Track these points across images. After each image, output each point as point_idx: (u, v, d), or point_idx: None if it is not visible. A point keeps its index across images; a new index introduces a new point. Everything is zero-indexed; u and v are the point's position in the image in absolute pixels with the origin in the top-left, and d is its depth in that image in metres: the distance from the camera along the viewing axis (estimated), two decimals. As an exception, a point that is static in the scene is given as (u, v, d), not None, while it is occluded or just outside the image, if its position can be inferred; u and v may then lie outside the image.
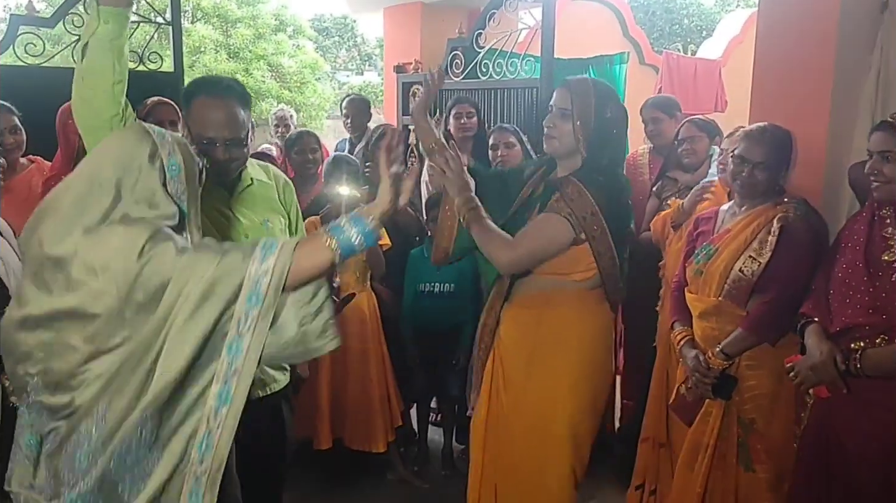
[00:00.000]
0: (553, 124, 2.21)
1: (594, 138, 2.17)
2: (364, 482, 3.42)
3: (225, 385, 1.38)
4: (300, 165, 3.67)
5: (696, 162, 3.25)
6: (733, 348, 2.33)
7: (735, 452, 2.37)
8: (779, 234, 2.27)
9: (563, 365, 2.22)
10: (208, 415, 1.38)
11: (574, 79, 2.26)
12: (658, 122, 3.57)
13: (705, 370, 2.35)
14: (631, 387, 3.68)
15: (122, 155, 1.42)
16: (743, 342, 2.32)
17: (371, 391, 3.31)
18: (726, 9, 19.00)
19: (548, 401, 2.21)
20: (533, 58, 4.16)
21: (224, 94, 1.97)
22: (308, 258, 1.39)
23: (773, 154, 2.36)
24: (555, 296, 2.21)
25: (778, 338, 2.30)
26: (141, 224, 1.37)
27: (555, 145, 2.23)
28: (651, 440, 2.78)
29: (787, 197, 2.37)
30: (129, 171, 1.40)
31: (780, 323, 2.29)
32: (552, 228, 2.14)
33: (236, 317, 1.36)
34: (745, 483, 2.36)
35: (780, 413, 2.33)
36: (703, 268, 2.42)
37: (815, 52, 2.59)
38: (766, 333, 2.31)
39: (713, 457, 2.39)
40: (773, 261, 2.27)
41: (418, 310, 3.45)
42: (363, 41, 22.41)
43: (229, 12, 13.75)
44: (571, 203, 2.12)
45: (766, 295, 2.29)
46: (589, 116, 2.16)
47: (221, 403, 1.38)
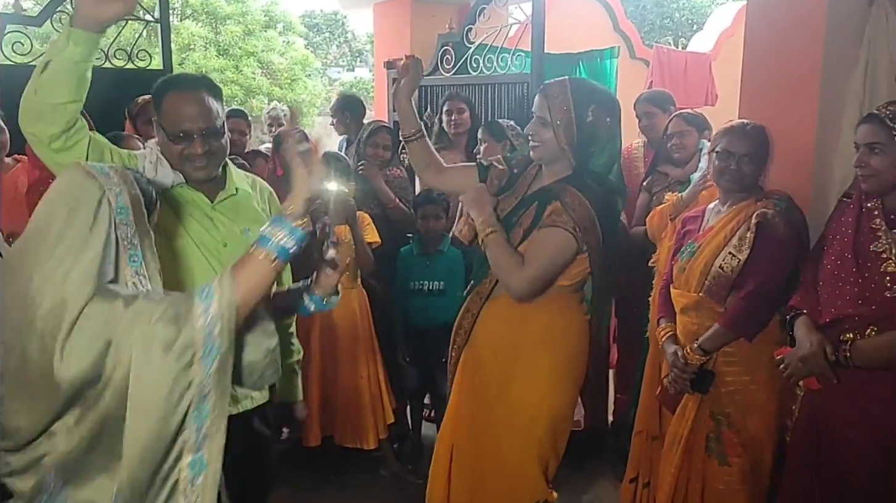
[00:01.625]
0: (534, 132, 2.17)
1: (579, 143, 2.12)
2: (357, 478, 3.42)
3: (197, 453, 1.28)
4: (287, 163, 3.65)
5: (685, 156, 3.26)
6: (711, 344, 2.34)
7: (703, 445, 2.40)
8: (756, 231, 2.29)
9: (547, 364, 2.22)
10: (184, 488, 1.28)
11: (551, 84, 2.18)
12: (651, 116, 3.58)
13: (683, 365, 2.37)
14: (624, 382, 3.70)
15: (70, 203, 1.31)
16: (720, 338, 2.33)
17: (362, 388, 3.32)
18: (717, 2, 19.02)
19: (533, 398, 2.22)
20: (523, 53, 4.16)
21: (193, 87, 1.94)
22: (250, 281, 1.31)
23: (756, 147, 2.38)
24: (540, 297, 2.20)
25: (755, 333, 2.32)
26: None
27: (539, 152, 2.19)
28: (644, 433, 2.80)
29: (770, 193, 2.38)
30: (76, 225, 1.29)
31: (756, 318, 2.31)
32: (560, 244, 2.10)
33: (196, 382, 1.25)
34: (717, 475, 2.39)
35: (757, 407, 2.35)
36: (686, 264, 2.45)
37: (803, 45, 2.60)
38: (743, 329, 2.32)
39: (684, 449, 2.43)
40: (750, 258, 2.28)
41: (408, 308, 3.46)
42: (354, 37, 22.34)
43: (218, 9, 13.69)
44: (573, 213, 2.09)
45: (743, 290, 2.30)
46: (569, 123, 2.10)
47: (197, 473, 1.29)
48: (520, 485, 2.27)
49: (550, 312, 2.22)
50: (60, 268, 1.25)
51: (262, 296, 1.35)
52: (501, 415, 2.25)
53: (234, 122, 4.04)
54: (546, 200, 2.15)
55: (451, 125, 3.92)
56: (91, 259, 1.28)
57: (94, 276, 1.27)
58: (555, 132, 2.12)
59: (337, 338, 3.29)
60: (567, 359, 2.26)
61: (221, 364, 1.27)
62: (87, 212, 1.30)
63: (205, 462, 1.28)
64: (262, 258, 1.32)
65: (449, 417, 2.43)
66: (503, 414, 2.24)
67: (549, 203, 2.14)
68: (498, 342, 2.27)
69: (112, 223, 1.32)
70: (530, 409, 2.22)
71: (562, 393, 2.26)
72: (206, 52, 13.38)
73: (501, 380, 2.25)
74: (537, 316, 2.22)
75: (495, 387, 2.26)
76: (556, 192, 2.14)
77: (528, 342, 2.23)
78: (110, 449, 1.26)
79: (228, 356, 1.28)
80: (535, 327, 2.23)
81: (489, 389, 2.28)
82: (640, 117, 3.65)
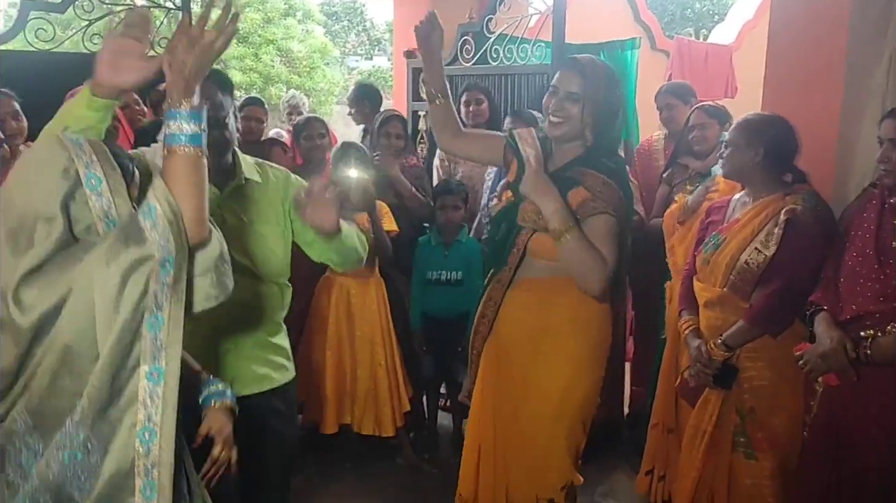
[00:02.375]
0: (560, 107, 2.11)
1: (601, 123, 2.11)
2: (373, 466, 3.45)
3: (154, 363, 1.28)
4: (308, 151, 3.67)
5: (706, 149, 3.24)
6: (735, 340, 2.33)
7: (730, 440, 2.39)
8: (785, 227, 2.25)
9: (573, 348, 2.22)
10: (144, 399, 1.28)
11: (583, 59, 2.16)
12: (672, 108, 3.56)
13: (706, 360, 2.36)
14: (640, 374, 3.69)
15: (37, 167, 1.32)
16: (744, 334, 2.32)
17: (379, 376, 3.34)
18: (739, -8, 18.83)
19: (559, 383, 2.22)
20: (544, 43, 4.14)
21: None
22: (181, 180, 1.31)
23: (750, 137, 2.35)
24: (559, 282, 2.19)
25: (781, 331, 2.30)
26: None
27: (562, 129, 2.14)
28: (660, 426, 2.80)
29: (798, 187, 2.35)
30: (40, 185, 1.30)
31: (782, 316, 2.29)
32: (612, 229, 2.08)
33: (152, 291, 1.26)
34: (746, 470, 2.37)
35: (783, 404, 2.33)
36: (711, 257, 2.42)
37: (827, 37, 2.57)
38: (768, 326, 2.30)
39: (709, 443, 2.42)
40: (777, 254, 2.25)
41: (426, 298, 3.47)
42: (372, 25, 22.32)
43: (239, -4, 13.73)
44: (602, 195, 2.07)
45: (770, 287, 2.28)
46: (599, 101, 2.09)
47: (156, 383, 1.28)
48: (548, 469, 2.27)
49: (574, 296, 2.19)
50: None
51: (201, 193, 1.34)
52: (528, 402, 2.25)
53: (251, 110, 4.06)
54: (567, 187, 2.10)
55: (470, 115, 3.91)
56: (48, 220, 1.28)
57: (54, 238, 1.28)
58: (583, 108, 2.09)
59: (354, 326, 3.31)
60: (591, 342, 2.26)
61: (177, 271, 1.28)
62: (49, 175, 1.30)
63: (163, 371, 1.29)
64: (179, 154, 1.32)
65: (475, 407, 2.42)
66: (530, 400, 2.25)
67: (571, 189, 2.09)
68: (522, 329, 2.26)
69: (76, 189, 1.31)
70: (557, 394, 2.22)
71: (587, 376, 2.25)
72: (225, 39, 13.41)
73: (527, 366, 2.25)
74: (561, 300, 2.21)
75: (521, 374, 2.26)
76: (576, 178, 2.11)
77: (552, 327, 2.23)
78: (75, 391, 1.27)
79: (183, 263, 1.29)
80: (559, 312, 2.22)
81: (515, 376, 2.28)
82: (661, 109, 3.62)
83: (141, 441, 1.29)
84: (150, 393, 1.29)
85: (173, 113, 1.33)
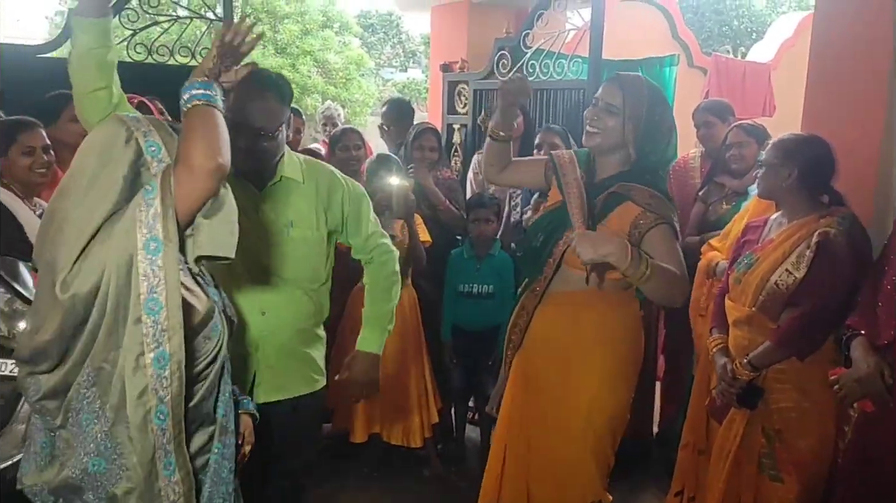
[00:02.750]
0: (598, 117, 2.15)
1: (644, 140, 2.13)
2: (400, 477, 3.45)
3: (158, 348, 1.34)
4: (343, 162, 3.70)
5: (743, 168, 3.21)
6: (761, 360, 2.30)
7: (756, 461, 2.36)
8: (816, 250, 2.22)
9: (602, 363, 2.22)
10: (154, 385, 1.35)
11: (627, 75, 2.21)
12: (710, 125, 3.54)
13: (731, 379, 2.34)
14: (670, 392, 3.66)
15: (100, 149, 1.40)
16: (771, 355, 2.29)
17: (409, 386, 3.35)
18: (777, 10, 18.64)
19: (589, 397, 2.21)
20: (580, 59, 4.14)
21: (266, 87, 2.00)
22: (192, 126, 1.41)
23: (785, 157, 2.32)
24: (591, 296, 2.20)
25: (807, 354, 2.26)
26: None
27: (597, 140, 2.16)
28: (691, 446, 2.76)
29: (834, 210, 2.32)
30: (108, 163, 1.39)
31: (810, 339, 2.26)
32: (672, 237, 2.10)
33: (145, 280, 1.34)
34: (772, 492, 2.34)
35: (810, 427, 2.29)
36: (742, 276, 2.41)
37: (869, 58, 2.54)
38: (795, 349, 2.27)
39: (734, 463, 2.39)
40: (808, 277, 2.22)
41: (457, 310, 3.47)
42: (408, 38, 22.47)
43: (278, 8, 13.92)
44: (654, 208, 2.08)
45: (798, 310, 2.26)
46: (640, 117, 2.11)
47: (161, 367, 1.35)
48: (575, 484, 2.27)
49: (602, 310, 2.21)
50: (95, 213, 1.35)
51: (213, 131, 1.42)
52: (557, 415, 2.25)
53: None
54: (615, 202, 2.13)
55: (505, 129, 3.91)
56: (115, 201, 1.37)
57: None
58: (624, 122, 2.11)
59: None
60: (622, 356, 2.25)
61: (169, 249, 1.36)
62: (117, 153, 1.39)
63: (167, 355, 1.35)
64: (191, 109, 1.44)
65: (503, 416, 2.43)
66: (559, 413, 2.25)
67: (620, 204, 2.12)
68: (551, 344, 2.27)
69: (139, 158, 1.40)
70: (586, 408, 2.21)
71: (617, 391, 2.25)
72: (263, 50, 13.60)
73: (556, 380, 2.25)
74: (589, 315, 2.22)
75: (550, 389, 2.26)
76: (623, 192, 2.12)
77: (581, 342, 2.23)
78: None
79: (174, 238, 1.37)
80: (588, 326, 2.22)
81: (544, 390, 2.28)
82: (698, 126, 3.60)
83: (157, 423, 1.37)
84: (159, 376, 1.36)
85: (188, 87, 1.47)
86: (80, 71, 1.83)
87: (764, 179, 2.39)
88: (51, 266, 1.35)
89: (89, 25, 1.77)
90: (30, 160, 2.46)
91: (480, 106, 4.69)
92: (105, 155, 1.39)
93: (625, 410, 2.30)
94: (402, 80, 20.60)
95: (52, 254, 1.35)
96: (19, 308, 1.98)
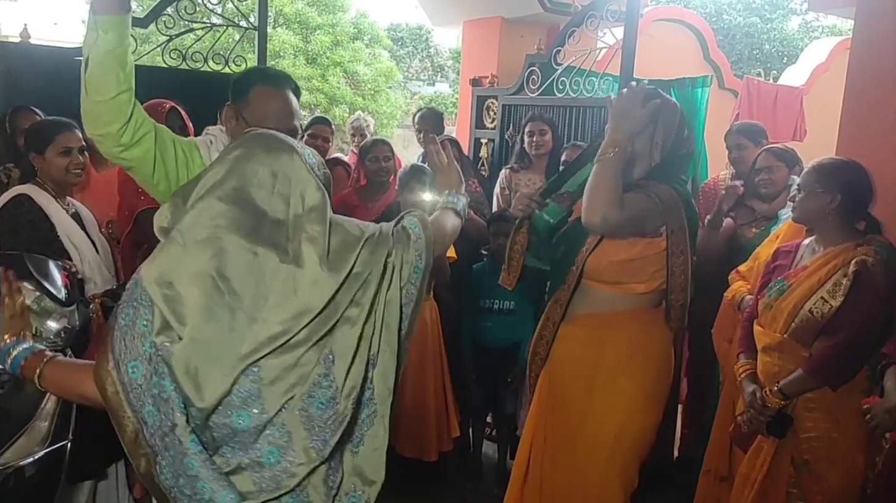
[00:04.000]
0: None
1: (670, 146, 2.21)
2: (416, 490, 3.43)
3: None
4: (373, 173, 3.71)
5: (773, 192, 3.18)
6: (792, 389, 2.25)
7: (784, 491, 2.30)
8: (854, 278, 2.18)
9: (632, 382, 2.21)
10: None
11: (649, 89, 2.26)
12: (742, 148, 3.51)
13: (761, 407, 2.29)
14: (692, 416, 3.61)
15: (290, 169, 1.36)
16: (803, 384, 2.24)
17: (427, 400, 3.33)
18: (810, 35, 18.53)
19: (616, 419, 2.21)
20: (611, 77, 4.13)
21: (282, 84, 1.95)
22: (443, 223, 1.72)
23: (826, 182, 2.27)
24: (618, 316, 2.21)
25: (841, 384, 2.21)
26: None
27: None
28: (713, 473, 2.72)
29: (871, 238, 2.28)
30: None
31: (844, 369, 2.21)
32: (645, 203, 2.15)
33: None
34: None
35: (840, 458, 2.23)
36: (774, 303, 2.35)
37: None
38: (829, 379, 2.22)
39: (759, 492, 2.34)
40: (844, 306, 2.17)
41: (478, 325, 3.46)
42: (437, 52, 22.60)
43: (310, 19, 14.07)
44: (651, 191, 2.15)
45: (833, 339, 2.21)
46: (672, 124, 2.21)
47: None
48: None
49: (631, 331, 2.21)
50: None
51: (452, 237, 1.78)
52: (583, 438, 2.24)
53: (318, 129, 4.14)
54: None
55: (533, 146, 3.92)
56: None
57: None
58: (655, 129, 2.20)
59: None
60: (651, 378, 2.24)
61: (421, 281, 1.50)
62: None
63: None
64: (450, 211, 1.77)
65: (526, 437, 2.42)
66: (585, 436, 2.23)
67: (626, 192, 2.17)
68: (578, 365, 2.27)
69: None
70: (613, 432, 2.20)
71: (645, 414, 2.25)
72: (295, 59, 13.76)
73: (582, 402, 2.24)
74: (617, 336, 2.21)
75: (576, 410, 2.26)
76: (631, 185, 2.18)
77: (608, 364, 2.22)
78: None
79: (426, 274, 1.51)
80: (616, 347, 2.22)
81: (569, 411, 2.27)
82: (730, 149, 3.57)
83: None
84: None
85: (455, 197, 1.83)
86: (102, 75, 1.72)
87: (803, 204, 2.34)
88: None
89: (111, 23, 1.66)
90: (66, 160, 2.49)
91: (509, 121, 4.69)
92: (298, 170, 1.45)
93: (652, 434, 2.29)
94: (429, 93, 20.71)
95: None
96: (48, 306, 1.99)
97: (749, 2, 19.31)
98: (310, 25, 14.12)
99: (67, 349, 2.03)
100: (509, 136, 4.63)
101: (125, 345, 1.26)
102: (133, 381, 1.25)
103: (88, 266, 2.43)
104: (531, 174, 3.96)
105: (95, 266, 2.47)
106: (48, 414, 1.92)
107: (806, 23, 20.13)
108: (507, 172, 4.05)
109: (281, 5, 13.90)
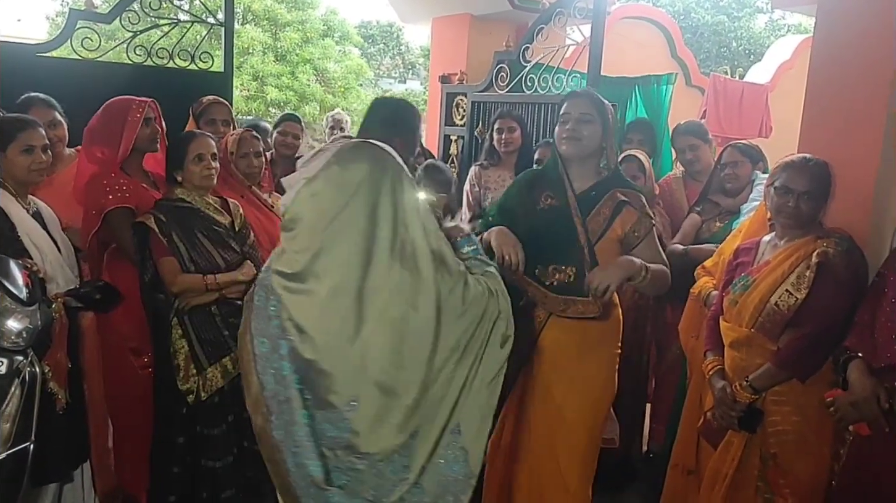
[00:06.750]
0: (576, 128, 2.35)
1: (614, 146, 2.44)
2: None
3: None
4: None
5: (737, 187, 3.22)
6: (762, 382, 2.28)
7: (753, 484, 2.34)
8: (817, 270, 2.21)
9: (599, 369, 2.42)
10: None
11: (585, 90, 2.54)
12: (696, 148, 3.56)
13: (731, 402, 2.32)
14: (659, 412, 3.64)
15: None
16: (772, 377, 2.27)
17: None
18: (776, 33, 18.79)
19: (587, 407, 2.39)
20: (579, 74, 4.16)
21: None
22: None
23: (817, 184, 2.31)
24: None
25: (809, 375, 2.25)
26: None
27: (580, 146, 2.36)
28: (680, 467, 2.74)
29: (831, 231, 2.32)
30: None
31: (812, 360, 2.24)
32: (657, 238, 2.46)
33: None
34: None
35: (808, 450, 2.27)
36: (739, 298, 2.38)
37: (869, 81, 2.55)
38: (797, 370, 2.25)
39: (730, 486, 2.37)
40: (809, 298, 2.21)
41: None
42: (408, 49, 22.56)
43: (279, 15, 13.95)
44: (644, 210, 2.39)
45: (800, 331, 2.24)
46: (609, 123, 2.38)
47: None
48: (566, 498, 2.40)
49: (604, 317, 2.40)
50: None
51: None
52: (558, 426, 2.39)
53: (288, 126, 4.11)
54: (619, 209, 2.38)
55: (502, 143, 3.92)
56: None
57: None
58: (602, 129, 2.37)
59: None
60: (611, 365, 2.46)
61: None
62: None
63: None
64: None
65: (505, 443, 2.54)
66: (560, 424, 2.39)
67: (621, 212, 2.37)
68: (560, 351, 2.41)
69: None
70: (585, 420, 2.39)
71: (607, 397, 2.46)
72: (264, 56, 13.63)
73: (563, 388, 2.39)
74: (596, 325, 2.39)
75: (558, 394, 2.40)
76: (624, 199, 2.37)
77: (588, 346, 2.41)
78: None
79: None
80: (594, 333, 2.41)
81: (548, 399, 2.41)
82: (682, 150, 3.60)
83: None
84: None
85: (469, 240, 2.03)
86: None
87: (793, 208, 2.30)
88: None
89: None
90: (28, 159, 2.43)
91: (478, 118, 4.70)
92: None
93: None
94: (400, 90, 20.66)
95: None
96: (8, 306, 1.95)
97: (716, 0, 19.53)
98: (279, 22, 14.00)
99: (29, 350, 2.00)
100: (479, 133, 4.64)
101: (258, 323, 1.64)
102: (261, 354, 1.59)
103: (50, 265, 2.38)
104: (501, 171, 3.96)
105: (58, 265, 2.42)
106: (9, 415, 1.88)
107: (773, 21, 20.43)
108: (477, 169, 4.05)
109: (250, 2, 13.76)
